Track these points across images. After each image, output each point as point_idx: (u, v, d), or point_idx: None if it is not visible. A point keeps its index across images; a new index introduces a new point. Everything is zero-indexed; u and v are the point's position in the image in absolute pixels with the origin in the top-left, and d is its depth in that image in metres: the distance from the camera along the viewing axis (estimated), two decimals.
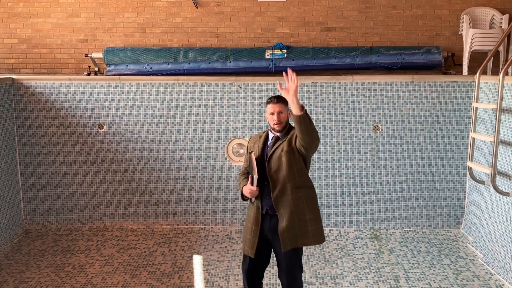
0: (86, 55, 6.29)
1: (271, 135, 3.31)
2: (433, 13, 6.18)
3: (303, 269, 3.47)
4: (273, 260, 3.49)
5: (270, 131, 3.33)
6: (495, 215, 4.72)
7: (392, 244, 5.17)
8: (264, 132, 3.40)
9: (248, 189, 3.23)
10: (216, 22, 6.32)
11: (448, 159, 5.41)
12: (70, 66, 6.49)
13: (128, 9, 6.33)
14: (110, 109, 5.50)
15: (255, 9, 6.27)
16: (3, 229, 5.21)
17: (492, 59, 5.49)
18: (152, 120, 5.51)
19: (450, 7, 6.17)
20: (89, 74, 6.25)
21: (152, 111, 5.49)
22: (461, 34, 6.02)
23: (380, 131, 5.40)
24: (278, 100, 3.22)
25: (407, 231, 5.48)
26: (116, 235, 5.44)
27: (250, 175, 3.26)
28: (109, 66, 6.03)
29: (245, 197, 3.35)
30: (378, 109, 5.36)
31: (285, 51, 5.95)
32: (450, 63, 6.17)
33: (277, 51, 5.95)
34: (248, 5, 6.26)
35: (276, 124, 3.22)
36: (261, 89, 5.39)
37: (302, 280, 3.55)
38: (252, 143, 3.41)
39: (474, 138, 5.07)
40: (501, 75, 4.43)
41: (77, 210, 5.69)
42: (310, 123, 2.99)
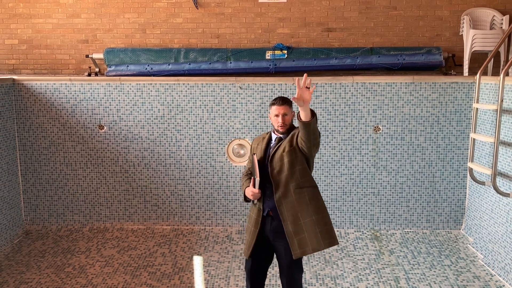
0: (87, 56, 6.29)
1: (274, 136, 3.30)
2: (433, 14, 6.18)
3: (303, 269, 3.47)
4: (273, 260, 3.48)
5: (274, 132, 3.31)
6: (496, 216, 4.71)
7: (393, 245, 5.17)
8: (267, 133, 3.38)
9: (250, 191, 3.21)
10: (216, 22, 6.32)
11: (449, 160, 5.40)
12: (71, 67, 6.49)
13: (129, 10, 6.33)
14: (111, 109, 5.50)
15: (255, 10, 6.27)
16: (4, 229, 5.21)
17: (492, 60, 5.49)
18: (152, 121, 5.51)
19: (450, 8, 6.17)
20: (89, 75, 6.26)
21: (152, 111, 5.49)
22: (461, 34, 6.02)
23: (381, 131, 5.40)
24: (283, 102, 3.19)
25: (408, 232, 5.48)
26: (117, 236, 5.44)
27: (252, 178, 3.24)
28: (110, 67, 6.03)
29: (247, 199, 3.34)
30: (378, 109, 5.36)
31: (286, 51, 5.95)
32: (450, 64, 6.17)
33: (277, 52, 5.95)
34: (249, 6, 6.27)
35: (281, 126, 3.20)
36: (261, 90, 5.40)
37: (302, 281, 3.55)
38: (255, 144, 3.40)
39: (474, 139, 5.07)
40: (501, 75, 4.43)
41: (78, 211, 5.69)
42: (316, 128, 2.98)
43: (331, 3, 6.22)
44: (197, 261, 4.82)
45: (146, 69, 5.96)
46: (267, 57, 5.94)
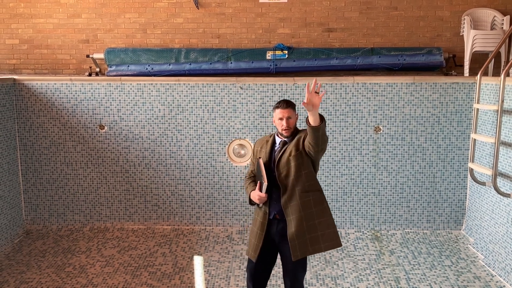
0: (87, 56, 6.30)
1: (278, 140, 3.28)
2: (434, 14, 6.18)
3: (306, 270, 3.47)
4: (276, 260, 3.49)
5: (277, 135, 3.29)
6: (496, 216, 4.71)
7: (393, 245, 5.17)
8: (271, 135, 3.36)
9: (257, 195, 3.19)
10: (217, 23, 6.32)
11: (449, 160, 5.40)
12: (72, 67, 6.49)
13: (129, 10, 6.33)
14: (111, 109, 5.51)
15: (256, 10, 6.28)
16: (4, 229, 5.22)
17: (493, 60, 5.49)
18: (153, 121, 5.51)
19: (451, 8, 6.16)
20: (90, 75, 6.26)
21: (153, 111, 5.49)
22: (462, 35, 6.02)
23: (381, 132, 5.40)
24: (287, 105, 3.17)
25: (408, 232, 5.48)
26: (117, 236, 5.44)
27: (259, 182, 3.22)
28: (110, 67, 6.03)
29: (252, 202, 3.32)
30: (379, 110, 5.36)
31: (286, 52, 5.95)
32: (451, 64, 6.17)
33: (278, 52, 5.95)
34: (249, 6, 6.27)
35: (285, 130, 3.18)
36: (262, 90, 5.40)
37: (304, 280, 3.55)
38: (258, 146, 3.37)
39: (475, 139, 5.07)
40: (502, 76, 4.43)
41: (78, 211, 5.70)
42: (324, 133, 2.97)
43: (331, 3, 6.22)
44: (198, 261, 4.83)
45: (147, 69, 5.96)
46: (267, 57, 5.94)
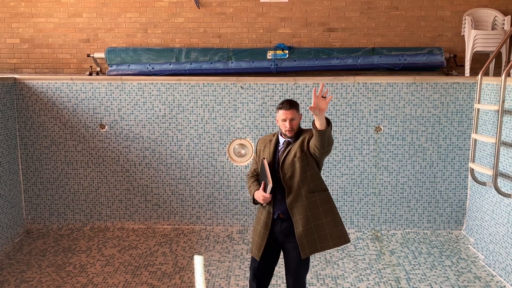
0: (88, 55, 6.29)
1: (282, 140, 3.27)
2: (435, 14, 6.18)
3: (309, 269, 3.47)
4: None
5: (281, 135, 3.29)
6: (497, 216, 4.71)
7: (393, 245, 5.17)
8: (274, 134, 3.35)
9: (261, 196, 3.20)
10: (218, 22, 6.32)
11: (450, 160, 5.40)
12: (72, 66, 6.49)
13: (130, 9, 6.33)
14: (112, 109, 5.51)
15: (257, 9, 6.27)
16: (5, 228, 5.22)
17: (494, 60, 5.48)
18: (153, 120, 5.51)
19: (452, 8, 6.16)
20: (91, 74, 6.26)
21: (153, 111, 5.49)
22: (463, 35, 6.02)
23: (382, 132, 5.40)
24: (290, 106, 3.15)
25: (408, 232, 5.48)
26: (117, 235, 5.44)
27: (263, 182, 3.21)
28: (111, 66, 6.03)
29: (256, 201, 3.32)
30: (379, 110, 5.35)
31: (287, 51, 5.95)
32: (452, 64, 6.17)
33: (279, 52, 5.95)
34: (250, 6, 6.26)
35: (288, 131, 3.18)
36: (262, 90, 5.40)
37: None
38: (261, 145, 3.37)
39: (475, 140, 5.07)
40: (503, 76, 4.43)
41: (79, 210, 5.70)
42: (330, 136, 2.98)
43: (332, 3, 6.21)
44: (198, 261, 4.83)
45: (148, 68, 5.96)
46: (268, 57, 5.94)
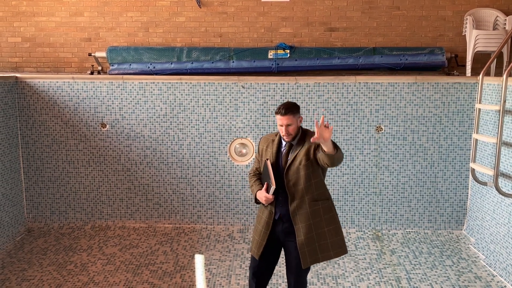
0: (90, 54, 6.30)
1: (284, 141, 3.27)
2: (436, 14, 6.17)
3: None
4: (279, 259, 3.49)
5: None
6: (498, 216, 4.71)
7: (394, 245, 5.17)
8: (276, 134, 3.34)
9: (263, 196, 3.20)
10: (219, 21, 6.32)
11: (451, 160, 5.40)
12: (74, 65, 6.50)
13: (132, 9, 6.34)
14: (113, 108, 5.51)
15: (258, 9, 6.27)
16: (6, 227, 5.23)
17: (495, 60, 5.48)
18: (155, 120, 5.51)
19: (453, 8, 6.16)
20: (92, 73, 6.27)
21: (155, 110, 5.50)
22: (464, 35, 6.01)
23: (383, 131, 5.40)
24: (286, 111, 3.10)
25: (409, 232, 5.48)
26: (118, 234, 5.45)
27: (266, 183, 3.22)
28: (112, 65, 6.04)
29: (258, 201, 3.32)
30: (380, 109, 5.35)
31: (288, 51, 5.95)
32: (453, 64, 6.17)
33: (280, 51, 5.95)
34: (252, 5, 6.26)
35: (285, 136, 3.18)
36: (264, 89, 5.40)
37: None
38: (264, 144, 3.37)
39: (477, 140, 5.06)
40: (504, 76, 4.42)
41: (80, 209, 5.71)
42: (340, 157, 2.99)
43: (334, 3, 6.21)
44: (199, 260, 4.83)
45: (149, 67, 5.96)
46: (269, 57, 5.94)
